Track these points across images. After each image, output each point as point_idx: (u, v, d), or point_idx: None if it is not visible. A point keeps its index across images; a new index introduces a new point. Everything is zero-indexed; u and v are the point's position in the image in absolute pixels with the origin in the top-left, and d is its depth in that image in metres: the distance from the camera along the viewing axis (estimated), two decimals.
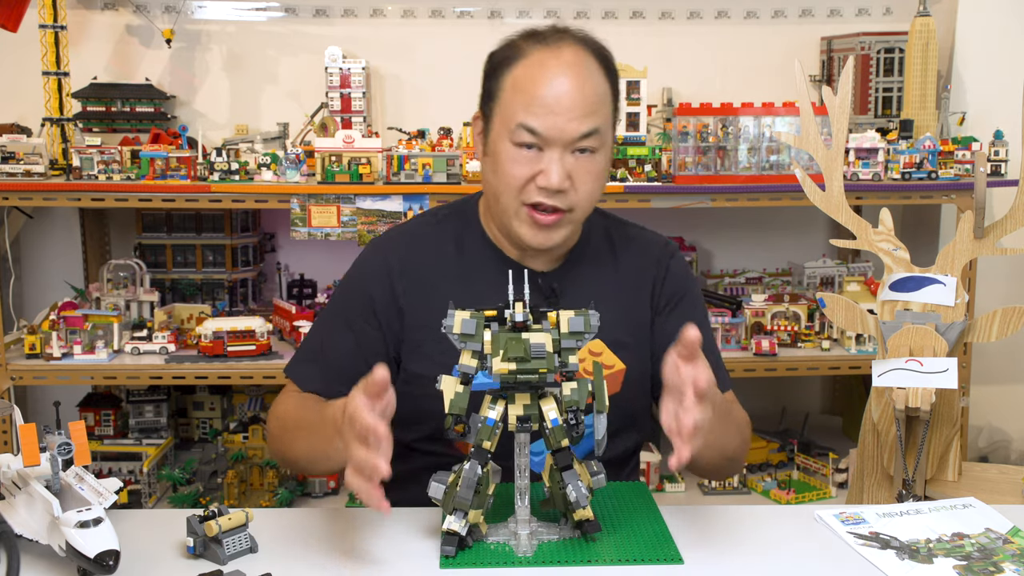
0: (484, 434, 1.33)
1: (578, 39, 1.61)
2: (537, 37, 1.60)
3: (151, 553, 1.35)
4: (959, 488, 1.68)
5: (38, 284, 3.42)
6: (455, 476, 1.34)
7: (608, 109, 1.61)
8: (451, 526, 1.33)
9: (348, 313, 1.72)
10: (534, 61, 1.58)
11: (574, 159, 1.57)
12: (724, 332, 2.98)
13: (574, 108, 1.55)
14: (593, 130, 1.56)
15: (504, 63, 1.61)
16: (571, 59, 1.57)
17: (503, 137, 1.59)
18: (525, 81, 1.57)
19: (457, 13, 3.38)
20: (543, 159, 1.56)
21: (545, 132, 1.55)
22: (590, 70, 1.58)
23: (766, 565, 1.34)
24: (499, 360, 1.29)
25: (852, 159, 2.89)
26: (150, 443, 3.09)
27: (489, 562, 1.33)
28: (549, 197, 1.57)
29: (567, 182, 1.57)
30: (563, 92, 1.55)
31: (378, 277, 1.70)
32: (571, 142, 1.56)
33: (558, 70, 1.56)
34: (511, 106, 1.57)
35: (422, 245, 1.73)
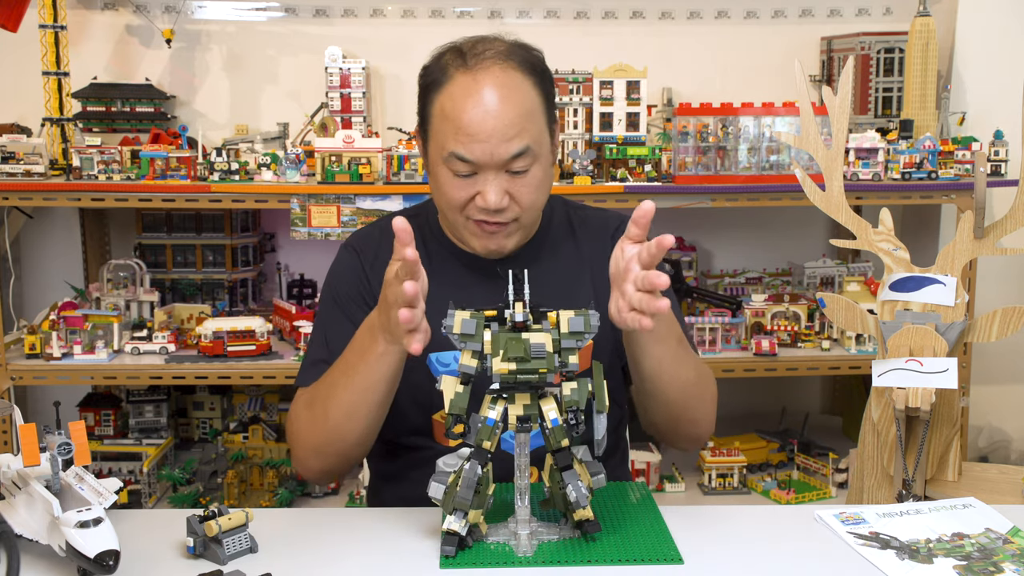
0: (484, 434, 1.33)
1: (500, 53, 1.60)
2: (461, 58, 1.61)
3: (151, 553, 1.36)
4: (959, 488, 1.68)
5: (38, 284, 3.42)
6: (455, 476, 1.34)
7: (539, 119, 1.62)
8: (451, 526, 1.33)
9: (340, 307, 1.74)
10: (457, 87, 1.59)
11: (509, 177, 1.60)
12: (724, 332, 2.98)
13: (500, 132, 1.56)
14: (523, 150, 1.58)
15: (432, 87, 1.64)
16: (493, 81, 1.57)
17: (438, 161, 1.62)
18: (450, 109, 1.59)
19: (457, 13, 3.38)
20: (479, 182, 1.60)
21: (475, 159, 1.57)
22: (514, 87, 1.58)
23: (766, 565, 1.34)
24: (499, 360, 1.29)
25: (852, 159, 2.89)
26: (150, 443, 3.09)
27: (489, 562, 1.33)
28: (490, 215, 1.61)
29: (505, 200, 1.60)
30: (487, 118, 1.56)
31: (354, 270, 1.75)
32: (503, 164, 1.58)
33: (480, 96, 1.56)
34: (441, 134, 1.60)
35: (388, 243, 1.74)
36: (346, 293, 1.74)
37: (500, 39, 1.64)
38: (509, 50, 1.61)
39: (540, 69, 1.64)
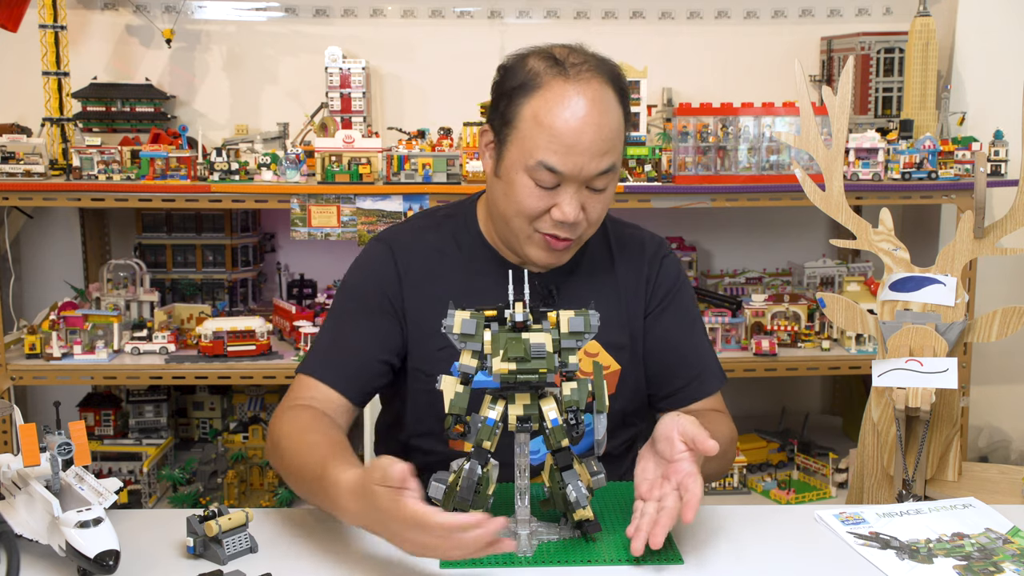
0: (484, 434, 1.33)
1: (596, 68, 1.57)
2: (558, 66, 1.56)
3: (151, 553, 1.36)
4: (959, 488, 1.68)
5: (38, 284, 3.42)
6: (455, 476, 1.34)
7: (622, 138, 1.61)
8: None
9: (361, 305, 1.71)
10: (556, 95, 1.54)
11: (588, 193, 1.59)
12: (724, 332, 2.98)
13: (595, 148, 1.54)
14: (610, 167, 1.57)
15: (522, 90, 1.57)
16: (592, 95, 1.54)
17: (519, 168, 1.58)
18: (547, 117, 1.54)
19: (457, 13, 3.38)
20: (559, 194, 1.57)
21: (566, 171, 1.55)
22: (608, 103, 1.56)
23: (766, 565, 1.34)
24: (499, 360, 1.29)
25: (852, 159, 2.89)
26: (150, 443, 3.09)
27: (489, 562, 1.32)
28: (562, 229, 1.59)
29: (581, 215, 1.58)
30: (586, 132, 1.53)
31: (386, 267, 1.70)
32: (588, 179, 1.57)
33: (580, 109, 1.53)
34: (531, 140, 1.55)
35: (423, 243, 1.74)
36: (371, 292, 1.70)
37: (587, 50, 1.61)
38: (601, 64, 1.59)
39: (624, 87, 1.62)
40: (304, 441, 1.49)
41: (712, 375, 1.78)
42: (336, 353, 1.69)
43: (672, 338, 1.76)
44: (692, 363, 1.77)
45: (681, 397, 1.76)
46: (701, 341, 1.80)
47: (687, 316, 1.79)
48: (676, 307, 1.77)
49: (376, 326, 1.69)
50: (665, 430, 1.40)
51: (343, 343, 1.70)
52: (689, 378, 1.76)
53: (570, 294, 1.69)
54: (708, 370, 1.78)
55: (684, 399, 1.76)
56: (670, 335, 1.76)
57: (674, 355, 1.76)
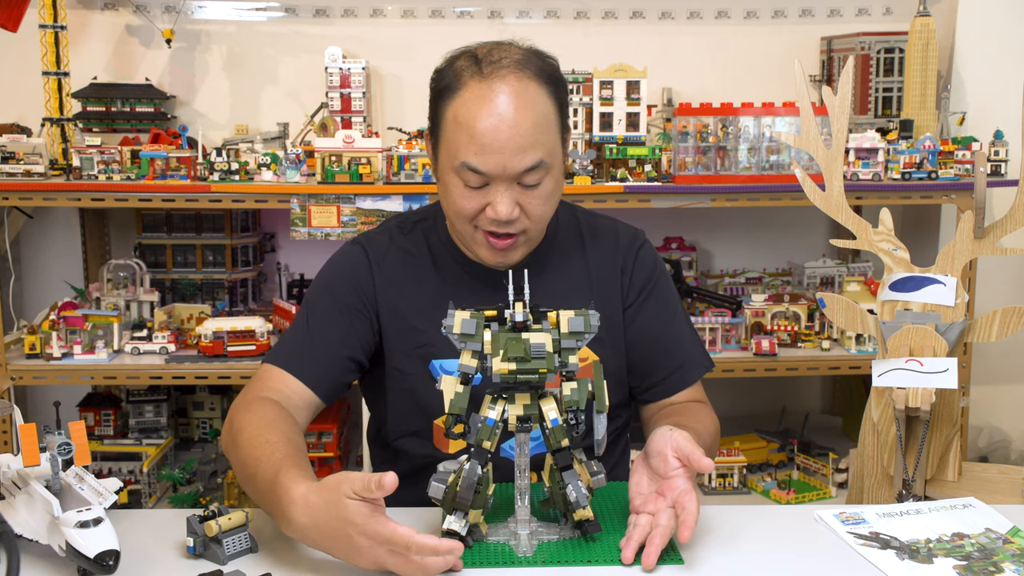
0: (484, 434, 1.33)
1: (517, 62, 1.56)
2: (476, 65, 1.56)
3: (151, 553, 1.36)
4: (959, 488, 1.68)
5: (38, 284, 3.42)
6: (455, 476, 1.34)
7: (553, 131, 1.59)
8: (451, 526, 1.33)
9: (335, 297, 1.72)
10: (472, 95, 1.54)
11: (521, 189, 1.57)
12: (724, 332, 2.98)
13: (515, 144, 1.53)
14: (537, 163, 1.55)
15: (446, 92, 1.58)
16: (509, 90, 1.53)
17: (448, 169, 1.59)
18: (465, 117, 1.54)
19: (457, 13, 3.38)
20: (490, 192, 1.57)
21: (488, 171, 1.54)
22: (530, 96, 1.55)
23: (766, 565, 1.34)
24: (499, 360, 1.29)
25: (852, 159, 2.89)
26: (150, 443, 3.09)
27: (489, 562, 1.33)
28: (500, 227, 1.59)
29: (516, 211, 1.57)
30: (502, 128, 1.52)
31: (360, 269, 1.72)
32: (516, 176, 1.56)
33: (495, 105, 1.52)
34: (454, 142, 1.56)
35: (396, 249, 1.76)
36: (345, 288, 1.72)
37: (515, 45, 1.61)
38: (525, 58, 1.58)
39: (555, 78, 1.61)
40: (262, 439, 1.46)
41: (694, 364, 1.79)
42: (306, 347, 1.69)
43: (653, 330, 1.76)
44: (674, 354, 1.77)
45: (663, 388, 1.77)
46: (683, 330, 1.81)
47: (667, 306, 1.80)
48: (655, 298, 1.78)
49: (346, 323, 1.70)
50: (658, 446, 1.41)
51: (313, 338, 1.70)
52: (671, 369, 1.76)
53: (543, 288, 1.67)
54: (690, 360, 1.78)
55: (666, 390, 1.77)
56: (651, 327, 1.76)
57: (655, 347, 1.76)
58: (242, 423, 1.52)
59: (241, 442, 1.49)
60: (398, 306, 1.70)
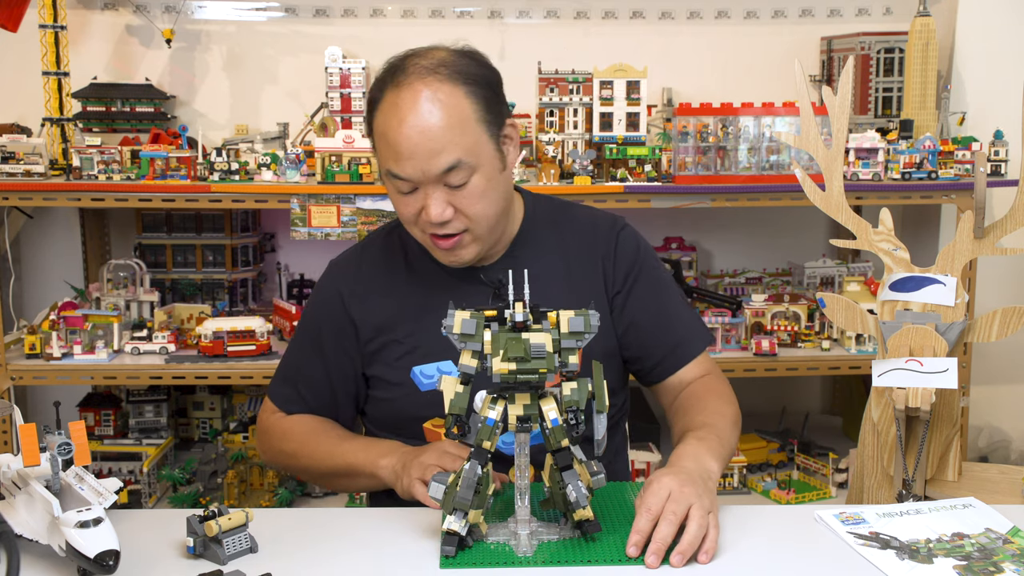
0: (484, 434, 1.33)
1: (426, 68, 1.57)
2: (391, 75, 1.60)
3: (151, 553, 1.36)
4: (959, 488, 1.68)
5: (38, 284, 3.42)
6: (455, 476, 1.34)
7: (473, 130, 1.59)
8: (451, 526, 1.33)
9: (314, 339, 1.80)
10: (388, 106, 1.58)
11: (450, 191, 1.59)
12: (724, 332, 2.98)
13: (423, 149, 1.55)
14: (454, 163, 1.56)
15: (371, 105, 1.63)
16: (414, 98, 1.55)
17: (384, 178, 1.64)
18: (382, 127, 1.59)
19: (457, 13, 3.38)
20: (421, 196, 1.60)
21: (408, 176, 1.58)
22: (436, 101, 1.55)
23: (766, 565, 1.34)
24: (499, 360, 1.29)
25: (852, 159, 2.89)
26: (150, 443, 3.09)
27: (489, 562, 1.33)
28: (439, 228, 1.62)
29: (448, 212, 1.59)
30: (412, 135, 1.55)
31: (332, 302, 1.78)
32: (437, 179, 1.58)
33: (403, 114, 1.55)
34: (381, 152, 1.61)
35: (370, 259, 1.80)
36: (322, 327, 1.79)
37: (438, 49, 1.62)
38: (440, 62, 1.59)
39: (475, 76, 1.60)
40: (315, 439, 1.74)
41: (693, 338, 1.80)
42: (295, 378, 1.82)
43: (646, 312, 1.77)
44: (671, 331, 1.78)
45: (666, 367, 1.78)
46: (676, 307, 1.82)
47: (656, 285, 1.81)
48: (643, 280, 1.79)
49: (327, 359, 1.78)
50: None
51: (300, 371, 1.82)
52: (671, 346, 1.78)
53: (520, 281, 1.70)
54: (689, 333, 1.80)
55: (670, 368, 1.78)
56: (644, 310, 1.77)
57: (652, 328, 1.77)
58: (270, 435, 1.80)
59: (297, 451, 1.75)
60: (377, 321, 1.74)
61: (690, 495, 1.36)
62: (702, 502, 1.36)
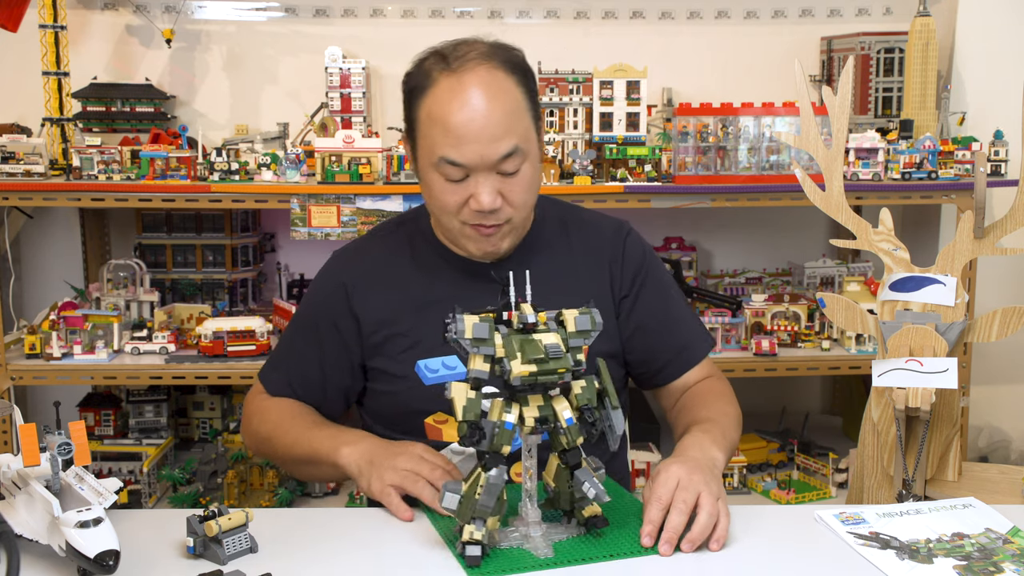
0: (504, 439, 1.30)
1: (483, 54, 1.59)
2: (443, 61, 1.60)
3: (151, 553, 1.36)
4: (959, 488, 1.68)
5: (38, 284, 3.42)
6: (469, 485, 1.32)
7: (525, 118, 1.62)
8: (474, 536, 1.30)
9: (311, 326, 1.80)
10: (443, 90, 1.58)
11: (500, 178, 1.60)
12: (724, 332, 2.98)
13: (487, 134, 1.56)
14: (512, 149, 1.58)
15: (416, 92, 1.62)
16: (477, 82, 1.56)
17: (428, 167, 1.62)
18: (438, 112, 1.57)
19: (457, 13, 3.38)
20: (471, 184, 1.59)
21: (467, 162, 1.57)
22: (498, 86, 1.58)
23: (766, 565, 1.34)
24: (518, 363, 1.28)
25: (852, 159, 2.89)
26: (150, 443, 3.09)
27: (516, 567, 1.31)
28: (484, 218, 1.61)
29: (498, 200, 1.60)
30: (476, 118, 1.55)
31: (334, 292, 1.77)
32: (494, 165, 1.58)
33: (466, 97, 1.55)
34: (429, 139, 1.59)
35: (375, 253, 1.80)
36: (318, 316, 1.78)
37: (480, 40, 1.63)
38: (490, 50, 1.61)
39: (522, 67, 1.64)
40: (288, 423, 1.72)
41: (697, 342, 1.83)
42: (286, 364, 1.82)
43: (653, 317, 1.79)
44: (676, 335, 1.81)
45: (672, 371, 1.80)
46: (681, 311, 1.84)
47: (662, 290, 1.83)
48: (650, 284, 1.80)
49: (322, 347, 1.77)
50: None
51: (293, 357, 1.81)
52: (676, 351, 1.80)
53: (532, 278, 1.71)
54: (693, 337, 1.82)
55: (674, 372, 1.80)
56: (651, 314, 1.79)
57: (658, 332, 1.79)
58: (251, 420, 1.76)
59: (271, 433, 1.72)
60: (381, 314, 1.73)
61: (699, 483, 1.38)
62: (710, 489, 1.38)
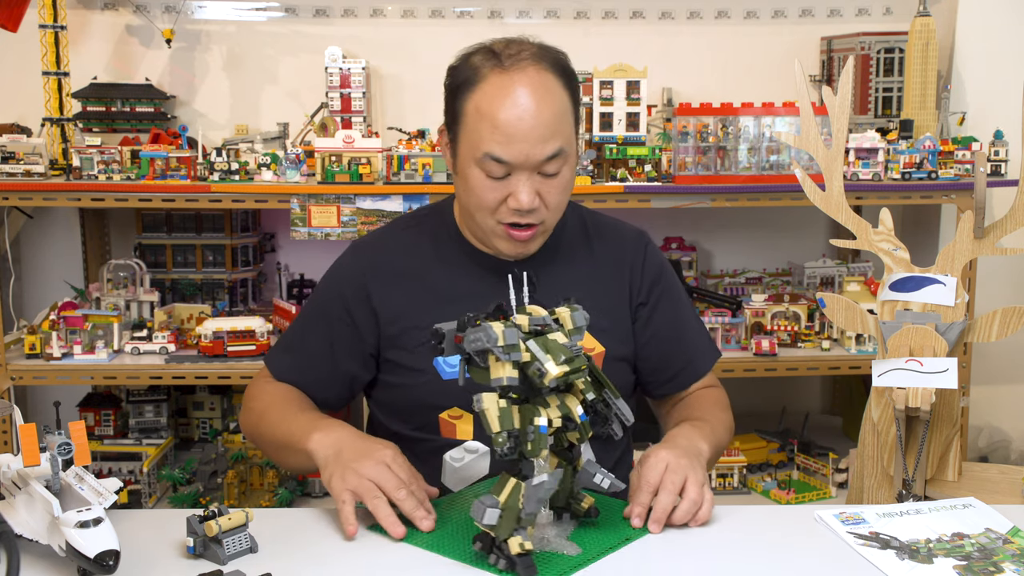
0: (542, 443, 1.29)
1: (535, 55, 1.60)
2: (495, 58, 1.60)
3: (151, 553, 1.36)
4: (959, 488, 1.68)
5: (38, 284, 3.42)
6: (507, 497, 1.29)
7: (569, 121, 1.64)
8: (525, 546, 1.28)
9: (324, 312, 1.78)
10: (493, 86, 1.58)
11: (541, 179, 1.61)
12: (724, 332, 2.98)
13: (536, 134, 1.56)
14: (557, 151, 1.59)
15: (464, 86, 1.62)
16: (529, 82, 1.57)
17: (470, 162, 1.62)
18: (486, 109, 1.58)
19: (457, 13, 3.38)
20: (511, 182, 1.60)
21: (512, 160, 1.57)
22: (548, 88, 1.59)
23: (766, 565, 1.34)
24: (553, 364, 1.27)
25: (852, 159, 2.89)
26: (150, 443, 3.09)
27: (566, 569, 1.30)
28: (521, 217, 1.62)
29: (537, 200, 1.61)
30: (525, 119, 1.56)
31: (353, 280, 1.76)
32: (537, 165, 1.59)
33: (517, 96, 1.56)
34: (475, 134, 1.59)
35: (397, 244, 1.79)
36: (334, 303, 1.77)
37: (528, 40, 1.64)
38: (540, 51, 1.62)
39: (569, 71, 1.65)
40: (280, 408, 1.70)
41: (704, 355, 1.85)
42: (295, 349, 1.80)
43: (667, 328, 1.81)
44: (686, 347, 1.82)
45: (681, 381, 1.82)
46: (692, 323, 1.86)
47: (677, 300, 1.85)
48: (668, 294, 1.82)
49: (334, 334, 1.76)
50: None
51: (304, 343, 1.79)
52: (684, 362, 1.82)
53: (550, 281, 1.73)
54: (701, 351, 1.84)
55: (681, 384, 1.82)
56: (667, 323, 1.81)
57: (672, 341, 1.81)
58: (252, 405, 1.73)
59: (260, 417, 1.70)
60: (399, 306, 1.72)
61: (686, 467, 1.43)
62: (696, 475, 1.43)
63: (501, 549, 1.29)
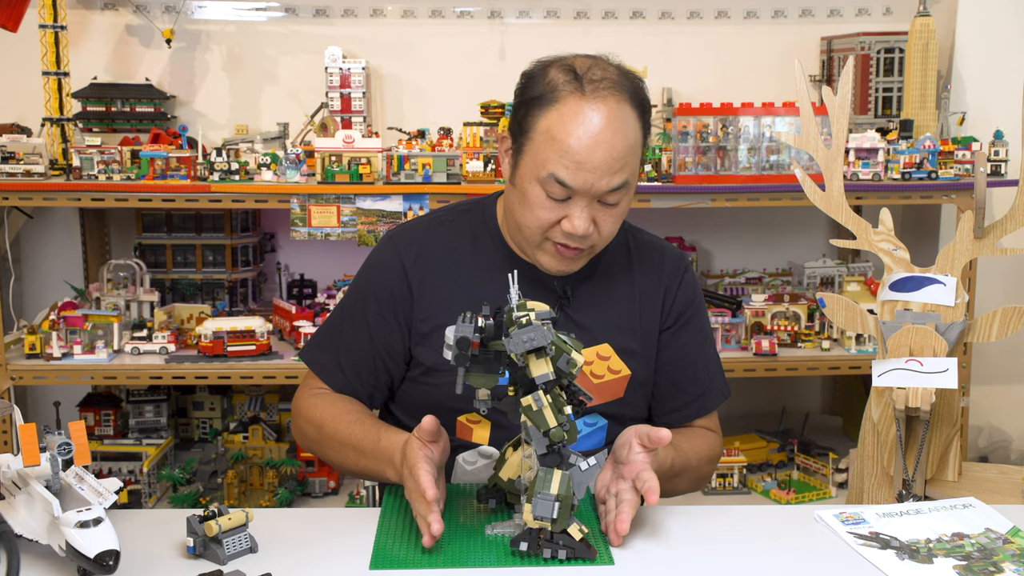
0: (576, 430, 1.34)
1: (616, 85, 1.57)
2: (576, 80, 1.56)
3: (151, 553, 1.36)
4: (959, 488, 1.68)
5: (38, 284, 3.42)
6: (561, 488, 1.31)
7: (638, 154, 1.61)
8: (583, 529, 1.33)
9: (365, 306, 1.73)
10: (571, 111, 1.54)
11: (600, 207, 1.59)
12: (724, 332, 2.98)
13: (606, 165, 1.54)
14: (622, 184, 1.57)
15: (540, 102, 1.57)
16: (608, 113, 1.54)
17: (532, 178, 1.58)
18: (560, 131, 1.54)
19: (457, 13, 3.38)
20: (570, 206, 1.57)
21: (576, 187, 1.55)
22: (625, 120, 1.56)
23: (766, 565, 1.34)
24: (578, 355, 1.32)
25: (852, 159, 2.89)
26: (150, 443, 3.09)
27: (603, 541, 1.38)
28: (573, 240, 1.60)
29: (592, 228, 1.59)
30: (597, 149, 1.53)
31: (393, 269, 1.71)
32: (600, 195, 1.57)
33: (594, 126, 1.53)
34: (543, 153, 1.56)
35: (436, 237, 1.75)
36: (375, 295, 1.72)
37: (609, 63, 1.61)
38: (620, 78, 1.58)
39: (645, 103, 1.62)
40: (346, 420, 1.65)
41: (715, 393, 1.80)
42: (336, 345, 1.75)
43: (686, 357, 1.77)
44: (700, 382, 1.78)
45: (684, 414, 1.78)
46: (711, 358, 1.81)
47: (702, 333, 1.81)
48: (693, 326, 1.79)
49: (376, 328, 1.71)
50: (624, 438, 1.47)
51: (344, 339, 1.74)
52: (694, 395, 1.78)
53: (586, 297, 1.71)
54: (712, 388, 1.79)
55: (686, 416, 1.78)
56: (684, 354, 1.77)
57: (684, 373, 1.77)
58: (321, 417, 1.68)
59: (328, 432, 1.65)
60: (434, 302, 1.69)
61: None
62: None
63: (556, 541, 1.32)
